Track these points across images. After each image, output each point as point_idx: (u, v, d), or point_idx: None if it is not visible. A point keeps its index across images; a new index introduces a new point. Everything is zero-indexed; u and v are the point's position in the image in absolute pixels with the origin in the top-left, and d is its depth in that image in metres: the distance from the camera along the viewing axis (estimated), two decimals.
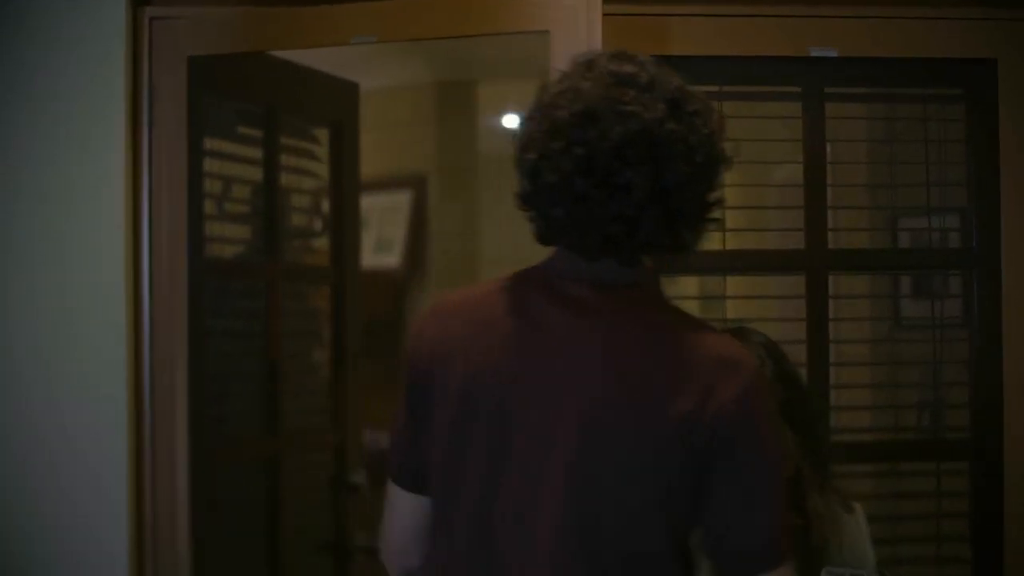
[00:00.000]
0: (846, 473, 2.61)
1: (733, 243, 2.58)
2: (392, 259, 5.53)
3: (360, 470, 3.04)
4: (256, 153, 2.79)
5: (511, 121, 6.50)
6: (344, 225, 3.08)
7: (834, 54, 2.46)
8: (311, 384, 3.09)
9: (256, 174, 2.80)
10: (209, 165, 2.65)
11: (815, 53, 2.47)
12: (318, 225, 3.09)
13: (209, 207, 2.64)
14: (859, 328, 2.70)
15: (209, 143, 2.64)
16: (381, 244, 5.65)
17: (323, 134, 3.04)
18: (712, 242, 2.58)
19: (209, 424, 2.55)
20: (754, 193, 2.62)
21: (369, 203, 5.57)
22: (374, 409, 4.81)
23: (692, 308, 2.70)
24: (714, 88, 2.55)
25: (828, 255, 2.54)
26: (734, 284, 2.62)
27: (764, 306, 2.68)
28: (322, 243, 3.11)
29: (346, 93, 3.07)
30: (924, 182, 2.62)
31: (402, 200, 5.55)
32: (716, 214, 1.42)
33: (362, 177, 4.93)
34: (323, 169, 3.04)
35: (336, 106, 3.04)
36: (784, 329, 2.84)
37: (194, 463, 2.44)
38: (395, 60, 5.33)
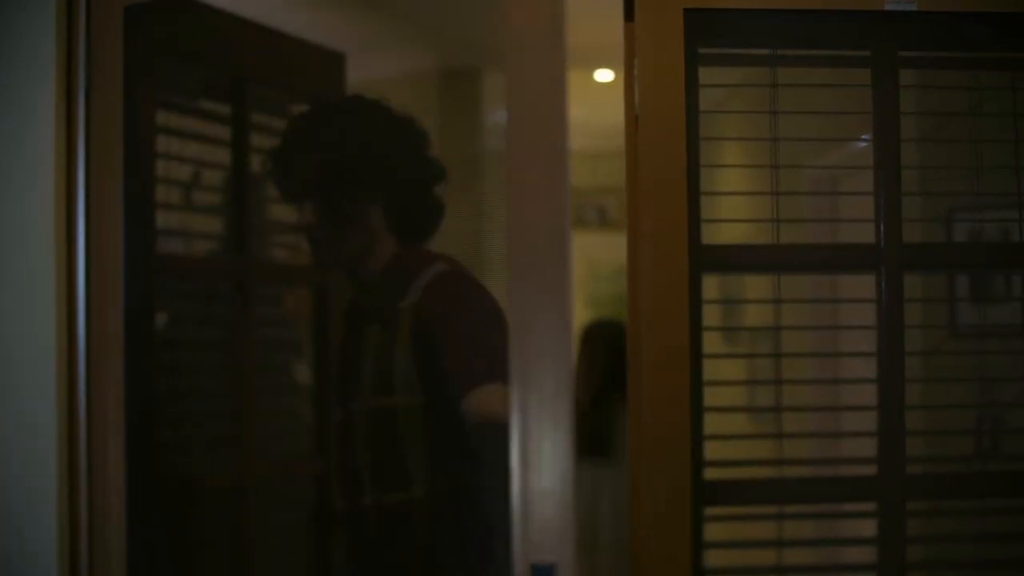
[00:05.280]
0: (922, 511, 2.20)
1: (787, 236, 2.16)
2: None
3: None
4: (221, 131, 2.39)
5: None
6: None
7: (913, 7, 2.05)
8: (289, 401, 2.69)
9: (221, 156, 2.39)
10: (165, 144, 2.25)
11: (890, 7, 2.06)
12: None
13: (165, 193, 2.24)
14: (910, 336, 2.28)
15: (163, 118, 2.24)
16: None
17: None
18: (763, 235, 2.17)
19: (159, 451, 2.15)
20: (813, 177, 2.24)
21: None
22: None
23: (715, 312, 2.27)
24: (765, 51, 2.14)
25: (905, 251, 2.12)
26: (788, 285, 2.20)
27: (802, 311, 2.26)
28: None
29: (330, 64, 2.66)
30: (1013, 164, 2.21)
31: None
32: None
33: None
34: None
35: (318, 79, 2.64)
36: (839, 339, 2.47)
37: (135, 497, 2.02)
38: (393, 46, 4.95)
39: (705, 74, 2.12)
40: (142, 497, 2.04)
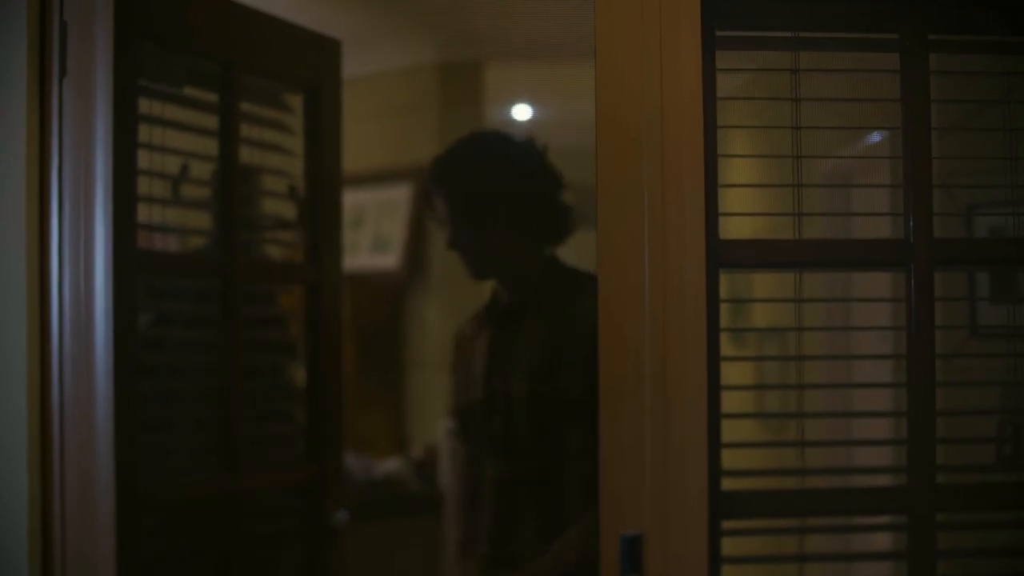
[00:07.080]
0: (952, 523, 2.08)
1: (809, 231, 2.03)
2: (390, 260, 5.03)
3: (342, 510, 2.53)
4: (208, 121, 2.26)
5: (521, 108, 5.99)
6: (323, 212, 2.53)
7: None
8: (281, 406, 2.56)
9: (209, 147, 2.26)
10: (148, 135, 2.12)
11: None
12: (290, 212, 2.55)
13: (146, 186, 2.11)
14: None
15: (146, 107, 2.12)
16: (378, 243, 5.15)
17: (296, 101, 2.51)
18: (783, 230, 2.04)
19: (145, 459, 2.02)
20: (826, 169, 2.12)
21: (365, 198, 5.07)
22: (364, 432, 4.29)
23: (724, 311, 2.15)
24: (787, 34, 2.01)
25: (937, 247, 1.99)
26: (810, 283, 2.08)
27: (814, 311, 2.14)
28: (296, 234, 2.57)
29: (325, 52, 2.54)
30: None
31: (400, 195, 5.05)
32: None
33: (357, 170, 4.42)
34: (297, 144, 2.50)
35: (313, 67, 2.51)
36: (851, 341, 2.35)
37: (122, 510, 1.90)
38: (393, 40, 4.83)
39: (722, 59, 2.00)
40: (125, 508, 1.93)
